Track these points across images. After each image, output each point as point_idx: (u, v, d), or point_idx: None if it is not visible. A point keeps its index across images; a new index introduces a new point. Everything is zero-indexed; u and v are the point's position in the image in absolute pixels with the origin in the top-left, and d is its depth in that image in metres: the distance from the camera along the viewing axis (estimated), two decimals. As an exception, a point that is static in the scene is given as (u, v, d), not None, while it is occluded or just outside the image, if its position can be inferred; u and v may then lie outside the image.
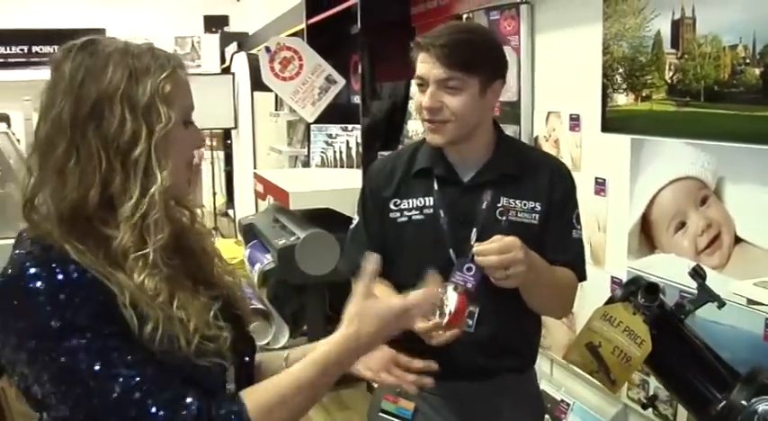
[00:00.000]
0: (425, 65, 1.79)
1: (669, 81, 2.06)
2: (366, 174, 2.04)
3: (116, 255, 1.14)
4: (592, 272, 2.44)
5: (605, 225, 2.42)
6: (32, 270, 1.12)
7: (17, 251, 1.17)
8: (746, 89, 1.83)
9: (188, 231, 1.34)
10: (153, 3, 12.66)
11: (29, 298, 1.11)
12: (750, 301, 1.68)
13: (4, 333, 1.12)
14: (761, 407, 1.23)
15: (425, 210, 1.87)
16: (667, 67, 2.07)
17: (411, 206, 1.89)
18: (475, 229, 1.82)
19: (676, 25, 2.03)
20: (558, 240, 1.85)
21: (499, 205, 1.83)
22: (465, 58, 1.77)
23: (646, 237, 2.22)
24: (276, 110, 6.76)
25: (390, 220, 1.89)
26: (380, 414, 1.94)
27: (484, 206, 1.84)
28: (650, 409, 2.20)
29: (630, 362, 1.56)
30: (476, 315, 1.81)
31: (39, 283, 1.11)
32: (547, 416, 2.68)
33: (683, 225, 2.08)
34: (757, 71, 1.80)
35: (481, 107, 1.81)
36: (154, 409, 1.11)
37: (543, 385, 2.76)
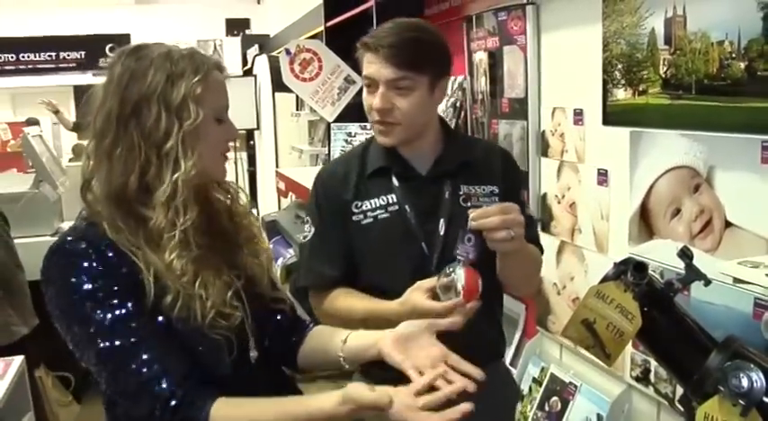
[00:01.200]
0: (373, 65, 1.78)
1: (663, 76, 2.17)
2: (316, 183, 1.98)
3: (153, 234, 1.31)
4: (596, 258, 2.58)
5: (608, 214, 2.53)
6: (69, 237, 1.33)
7: (72, 225, 1.37)
8: (733, 82, 1.93)
9: (227, 212, 1.50)
10: (176, 7, 12.87)
11: (63, 262, 1.31)
12: (735, 280, 1.78)
13: (47, 289, 1.33)
14: (731, 371, 1.34)
15: (390, 208, 1.87)
16: (661, 62, 2.17)
17: (374, 206, 1.88)
18: (442, 220, 1.86)
19: (669, 23, 2.13)
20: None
21: (461, 193, 1.88)
22: (414, 57, 1.77)
23: (645, 224, 2.32)
24: (297, 110, 6.90)
25: (354, 224, 1.88)
26: None
27: (447, 196, 1.87)
28: (651, 388, 2.32)
29: (623, 337, 1.65)
30: None
31: (72, 250, 1.31)
32: (555, 398, 2.81)
33: (678, 212, 2.17)
34: (742, 65, 1.89)
35: (430, 105, 1.86)
36: (141, 369, 1.29)
37: (553, 368, 2.88)
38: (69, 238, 1.34)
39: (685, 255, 1.69)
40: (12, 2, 11.89)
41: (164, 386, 1.29)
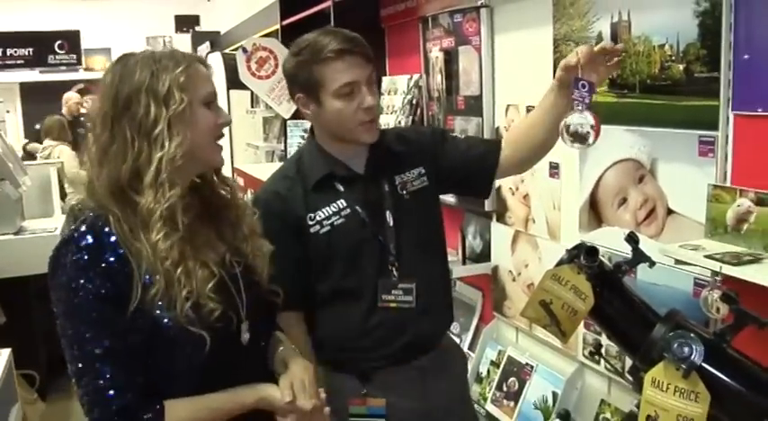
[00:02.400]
0: (354, 69, 1.87)
1: (610, 76, 2.33)
2: (262, 210, 1.82)
3: (143, 215, 1.43)
4: (549, 245, 2.74)
5: (559, 204, 2.69)
6: (83, 229, 1.45)
7: (80, 218, 1.48)
8: (673, 82, 2.09)
9: (230, 206, 1.63)
10: (124, 4, 12.74)
11: (69, 254, 1.43)
12: (677, 261, 1.95)
13: (52, 277, 1.45)
14: (674, 340, 1.50)
15: (343, 212, 1.95)
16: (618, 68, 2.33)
17: (328, 214, 1.95)
18: (388, 211, 1.99)
19: (615, 27, 2.29)
20: (470, 146, 2.10)
21: (397, 183, 2.01)
22: (371, 52, 1.93)
23: (594, 213, 2.48)
24: (252, 107, 6.95)
25: (312, 235, 1.94)
26: (351, 419, 1.99)
27: (387, 188, 2.00)
28: (602, 364, 2.50)
29: (577, 315, 1.75)
30: (414, 290, 1.98)
31: (76, 247, 1.43)
32: (513, 379, 2.97)
33: (624, 201, 2.34)
34: (681, 67, 2.05)
35: None
36: (101, 382, 1.42)
37: (510, 351, 3.04)
38: (81, 229, 1.45)
39: (632, 239, 1.83)
40: (-43, -2, 11.69)
41: (115, 396, 1.42)
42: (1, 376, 2.66)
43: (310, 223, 1.95)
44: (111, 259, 1.43)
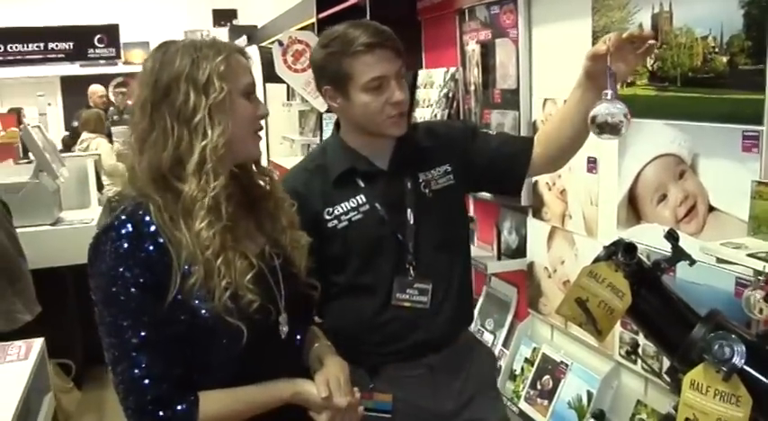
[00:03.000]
0: (384, 63, 1.84)
1: (650, 68, 2.27)
2: None
3: (186, 203, 1.43)
4: (586, 241, 2.69)
5: (597, 199, 2.64)
6: (123, 217, 1.45)
7: (117, 209, 1.48)
8: (716, 75, 2.03)
9: (269, 198, 1.62)
10: (163, -2, 12.86)
11: (108, 242, 1.43)
12: (718, 260, 1.89)
13: (92, 265, 1.45)
14: (715, 341, 1.46)
15: (362, 209, 1.93)
16: (649, 56, 2.29)
17: (346, 209, 1.93)
18: (409, 210, 1.95)
19: (655, 18, 2.24)
20: (502, 143, 2.06)
21: (421, 181, 1.98)
22: (400, 44, 1.89)
23: (632, 209, 2.43)
24: (288, 100, 6.96)
25: (329, 230, 1.93)
26: None
27: (409, 186, 1.96)
28: (639, 364, 2.45)
29: (614, 314, 1.73)
30: (429, 291, 1.96)
31: (116, 235, 1.43)
32: (548, 377, 2.93)
33: (664, 197, 2.28)
34: (724, 59, 2.00)
35: None
36: (137, 371, 1.42)
37: (544, 348, 3.00)
38: (122, 218, 1.45)
39: (672, 236, 1.80)
40: (-2, -8, 11.88)
41: (150, 386, 1.42)
42: (34, 365, 2.69)
43: (327, 217, 1.93)
44: (151, 248, 1.43)
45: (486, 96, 3.30)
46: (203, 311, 1.44)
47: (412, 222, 1.95)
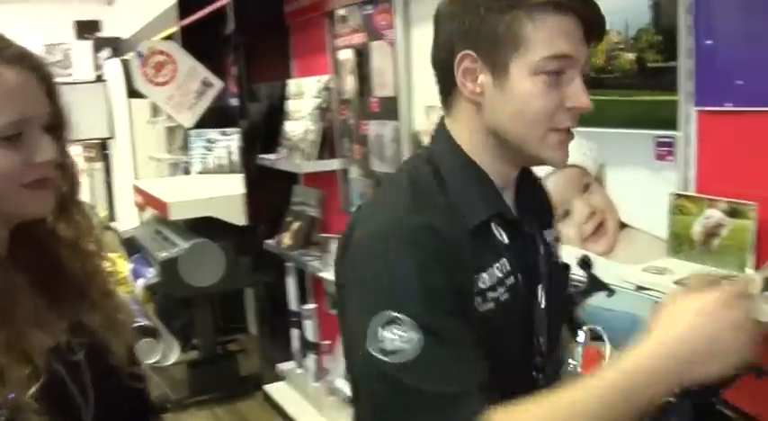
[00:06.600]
0: (572, 36, 1.10)
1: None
2: (420, 251, 1.07)
3: None
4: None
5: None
6: None
7: None
8: (622, 74, 1.86)
9: (75, 253, 1.17)
10: (19, 9, 12.13)
11: None
12: (639, 287, 1.68)
13: None
14: None
15: (507, 281, 1.17)
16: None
17: (493, 281, 1.15)
18: (540, 286, 1.25)
19: (549, 12, 2.03)
20: None
21: (548, 240, 1.32)
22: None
23: (533, 227, 2.22)
24: (153, 116, 6.56)
25: (473, 309, 1.13)
26: None
27: (542, 251, 1.28)
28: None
29: None
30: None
31: None
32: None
33: (567, 213, 2.09)
34: (632, 56, 1.82)
35: None
36: None
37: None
38: None
39: (585, 264, 1.59)
40: None
41: None
42: None
43: (474, 292, 1.14)
44: None
45: (363, 106, 3.12)
46: None
47: (543, 305, 1.25)
